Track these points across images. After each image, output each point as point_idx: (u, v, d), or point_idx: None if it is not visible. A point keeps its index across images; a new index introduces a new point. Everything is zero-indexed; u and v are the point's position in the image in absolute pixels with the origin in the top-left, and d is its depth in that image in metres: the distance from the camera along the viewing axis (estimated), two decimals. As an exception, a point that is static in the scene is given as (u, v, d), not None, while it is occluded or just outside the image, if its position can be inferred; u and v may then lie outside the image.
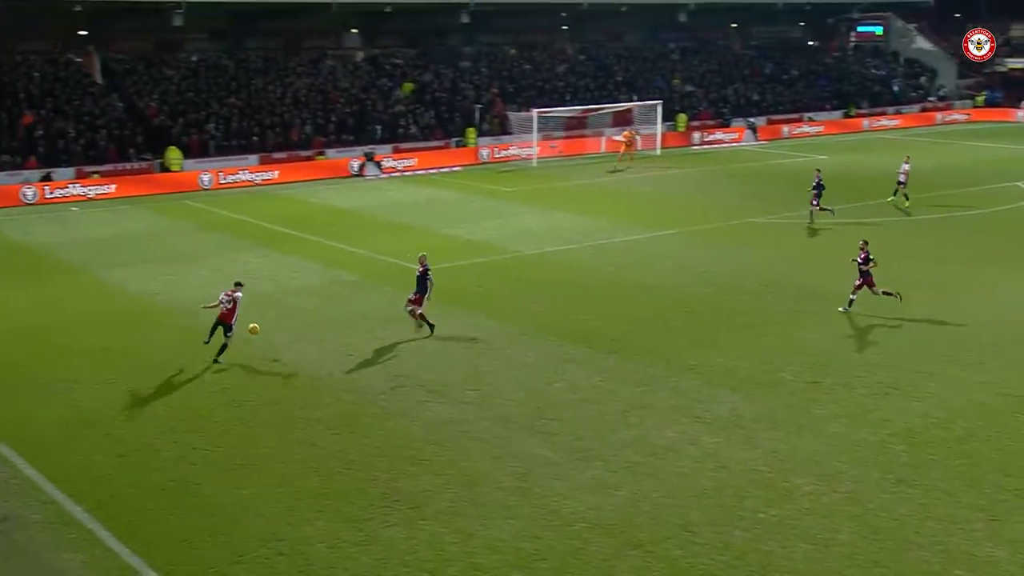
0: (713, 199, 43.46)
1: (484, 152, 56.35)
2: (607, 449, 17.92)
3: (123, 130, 49.03)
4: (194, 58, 56.93)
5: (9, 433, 18.63)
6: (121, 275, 30.80)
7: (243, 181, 48.80)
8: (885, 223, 37.55)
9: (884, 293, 25.59)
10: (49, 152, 46.39)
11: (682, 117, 64.95)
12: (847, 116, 72.39)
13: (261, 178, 49.28)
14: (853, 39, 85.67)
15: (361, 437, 18.45)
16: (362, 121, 55.66)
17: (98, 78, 54.04)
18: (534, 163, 55.10)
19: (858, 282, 25.64)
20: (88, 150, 47.34)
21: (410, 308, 24.33)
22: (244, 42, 59.67)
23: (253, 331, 22.64)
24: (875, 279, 25.56)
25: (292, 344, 23.83)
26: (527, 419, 19.30)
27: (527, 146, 56.12)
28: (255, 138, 51.57)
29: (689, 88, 69.86)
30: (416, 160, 53.73)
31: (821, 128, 69.35)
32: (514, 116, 57.19)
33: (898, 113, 74.48)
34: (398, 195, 45.97)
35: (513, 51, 68.35)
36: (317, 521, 15.39)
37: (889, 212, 39.49)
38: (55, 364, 22.58)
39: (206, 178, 47.96)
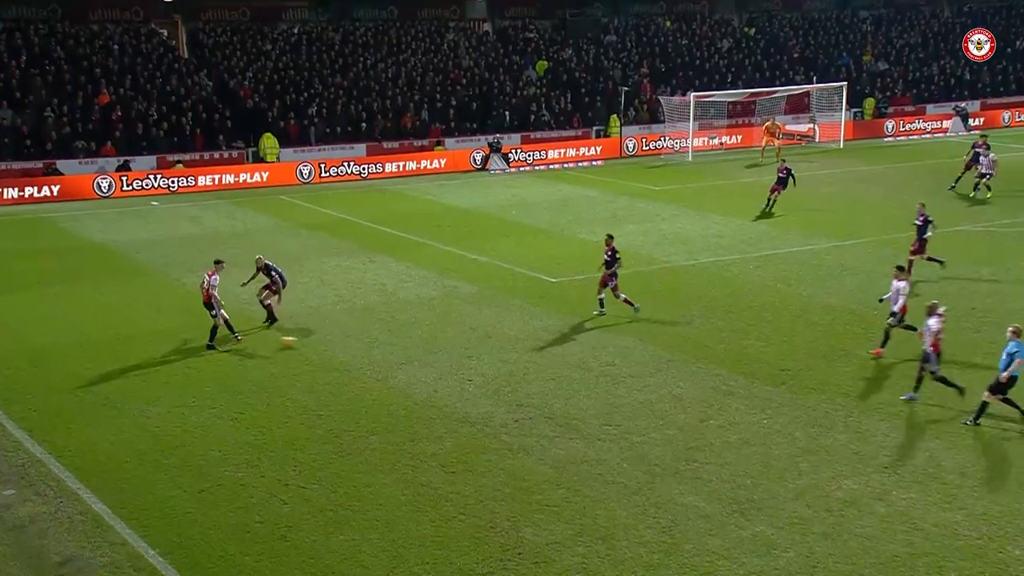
0: (910, 202, 42.32)
1: (630, 143, 56.37)
2: (772, 501, 17.70)
3: (212, 113, 50.92)
4: (294, 30, 58.76)
5: (76, 463, 19.48)
6: (207, 281, 31.90)
7: (348, 174, 50.02)
8: None
9: (625, 300, 27.37)
10: (128, 137, 48.52)
11: (871, 102, 63.68)
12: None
13: (369, 171, 50.43)
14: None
15: (479, 477, 18.69)
16: (487, 106, 56.40)
17: (184, 52, 56.34)
18: (689, 157, 54.85)
19: (611, 283, 27.34)
20: (172, 135, 49.33)
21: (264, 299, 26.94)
22: (351, 11, 61.25)
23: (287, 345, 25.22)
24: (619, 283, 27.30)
25: (402, 366, 24.30)
26: (675, 462, 19.23)
27: (681, 136, 55.87)
28: (363, 125, 52.85)
29: (883, 66, 68.42)
30: (549, 152, 54.10)
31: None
32: (666, 101, 57.11)
33: None
34: (527, 193, 46.37)
35: (667, 23, 68.18)
36: (426, 574, 15.66)
37: None
38: (129, 383, 23.56)
39: (306, 170, 49.34)
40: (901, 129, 62.19)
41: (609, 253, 27.48)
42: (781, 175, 40.55)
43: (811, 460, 19.23)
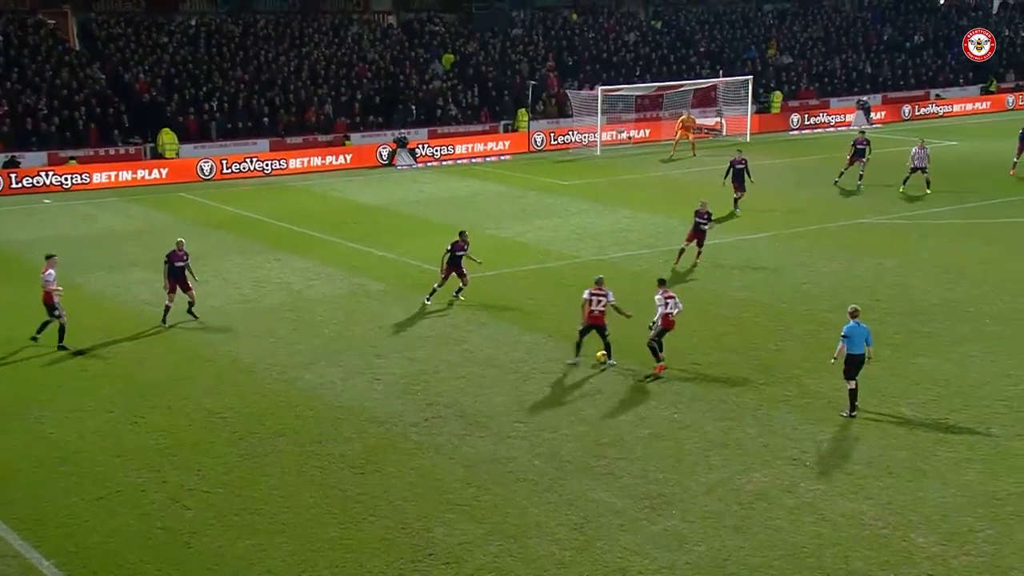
0: (815, 195, 43.18)
1: (538, 138, 56.58)
2: (684, 496, 17.94)
3: (106, 108, 49.94)
4: (192, 22, 57.86)
5: (-33, 471, 19.03)
6: (103, 281, 31.37)
7: (251, 171, 49.48)
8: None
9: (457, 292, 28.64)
10: (16, 132, 47.33)
11: (777, 95, 64.72)
12: (987, 92, 71.60)
13: (272, 167, 49.94)
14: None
15: (389, 477, 18.66)
16: (393, 100, 56.15)
17: (75, 44, 55.11)
18: (597, 151, 55.23)
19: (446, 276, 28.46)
20: (64, 131, 48.25)
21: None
22: (252, 2, 60.51)
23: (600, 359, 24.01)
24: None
25: (309, 366, 24.14)
26: (586, 458, 19.39)
27: (589, 131, 56.25)
28: (265, 120, 52.28)
29: (787, 60, 69.58)
30: (457, 147, 54.09)
31: (951, 108, 68.65)
32: (574, 95, 57.37)
33: (1055, 87, 73.61)
34: (435, 189, 46.32)
35: (574, 16, 68.57)
36: (335, 577, 15.61)
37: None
38: (22, 387, 23.06)
39: (206, 166, 48.70)
40: (806, 123, 63.23)
41: (464, 247, 28.43)
42: (739, 167, 39.36)
43: (722, 454, 19.52)
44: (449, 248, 28.36)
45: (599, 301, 23.44)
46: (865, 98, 65.73)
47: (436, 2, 65.70)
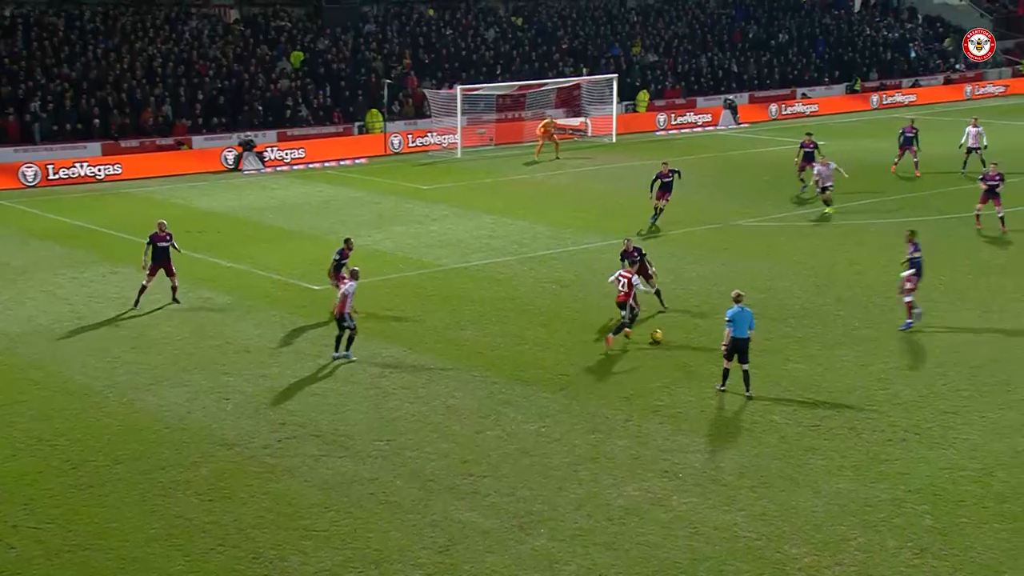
0: (683, 197, 43.92)
1: (395, 140, 56.48)
2: (553, 513, 18.09)
3: (-84, 110, 48.29)
4: (7, 13, 56.14)
5: None
6: (-80, 299, 30.35)
7: (81, 176, 48.34)
8: (923, 222, 38.45)
9: None
10: None
11: (643, 95, 65.79)
12: (851, 91, 74.08)
13: (105, 172, 48.86)
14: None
15: (240, 504, 18.42)
16: (238, 100, 55.45)
17: None
18: (458, 154, 55.38)
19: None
20: None
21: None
22: (77, -7, 59.18)
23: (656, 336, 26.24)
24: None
25: (150, 387, 23.69)
26: (451, 476, 19.42)
27: (449, 132, 56.37)
28: (96, 121, 51.12)
29: (652, 58, 70.82)
30: (308, 150, 53.66)
31: (818, 107, 70.74)
32: (432, 95, 57.44)
33: (916, 86, 76.39)
34: (285, 194, 45.89)
35: (430, 11, 68.64)
36: (182, 613, 15.36)
37: (912, 209, 40.42)
38: None
39: (30, 172, 47.42)
40: (672, 123, 64.39)
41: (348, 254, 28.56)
42: (666, 179, 38.41)
43: (591, 468, 19.74)
44: (336, 256, 28.38)
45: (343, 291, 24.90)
46: (732, 97, 67.29)
47: (283, -5, 65.17)
